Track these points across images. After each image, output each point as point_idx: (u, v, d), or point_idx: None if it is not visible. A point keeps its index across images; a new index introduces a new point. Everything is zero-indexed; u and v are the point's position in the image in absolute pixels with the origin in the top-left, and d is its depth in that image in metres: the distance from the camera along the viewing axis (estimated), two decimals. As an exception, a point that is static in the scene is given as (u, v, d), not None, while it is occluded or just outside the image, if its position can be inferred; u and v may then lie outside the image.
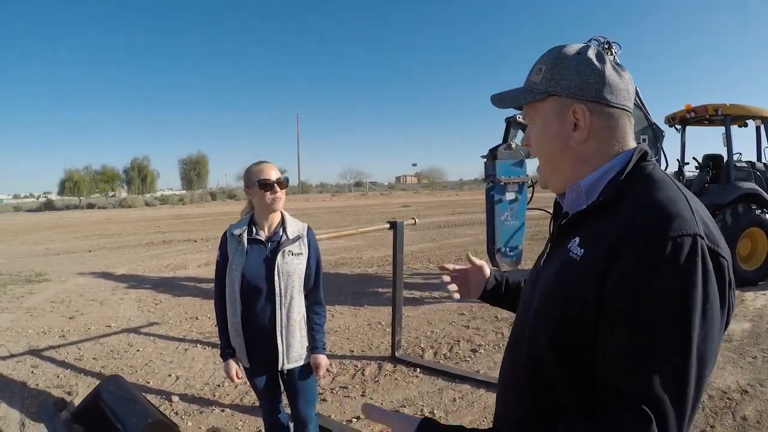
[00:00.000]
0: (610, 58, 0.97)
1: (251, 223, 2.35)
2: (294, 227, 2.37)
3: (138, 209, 43.46)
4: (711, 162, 8.03)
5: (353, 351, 4.89)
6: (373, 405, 0.99)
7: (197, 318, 6.24)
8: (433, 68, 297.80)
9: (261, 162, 2.33)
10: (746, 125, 8.25)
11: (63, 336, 5.70)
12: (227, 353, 2.36)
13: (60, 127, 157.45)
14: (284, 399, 2.54)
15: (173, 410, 3.67)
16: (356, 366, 4.46)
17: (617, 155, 0.95)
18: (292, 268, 2.29)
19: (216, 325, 2.46)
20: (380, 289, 7.52)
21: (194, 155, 73.28)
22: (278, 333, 2.27)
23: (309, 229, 2.43)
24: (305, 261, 2.36)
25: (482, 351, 4.75)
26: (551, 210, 1.12)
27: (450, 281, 1.45)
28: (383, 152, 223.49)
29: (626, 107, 0.96)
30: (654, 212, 0.80)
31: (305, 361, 2.37)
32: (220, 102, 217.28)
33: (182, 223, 22.70)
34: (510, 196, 6.05)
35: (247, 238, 2.30)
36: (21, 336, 5.73)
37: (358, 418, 3.47)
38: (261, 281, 2.25)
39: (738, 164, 7.76)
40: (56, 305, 7.21)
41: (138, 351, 5.07)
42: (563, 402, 0.88)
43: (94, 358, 4.88)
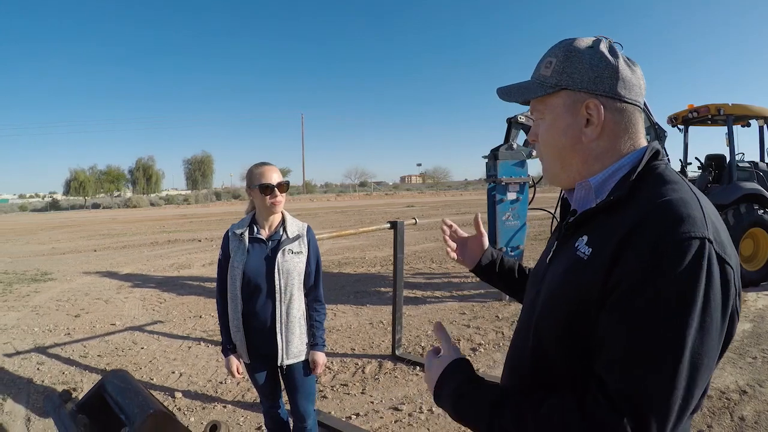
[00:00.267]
0: (622, 53, 0.95)
1: (253, 223, 2.41)
2: (294, 227, 2.42)
3: (143, 209, 43.73)
4: (713, 162, 7.98)
5: (354, 349, 4.93)
6: (443, 327, 1.07)
7: (201, 316, 6.30)
8: (439, 68, 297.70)
9: (262, 164, 2.37)
10: (749, 125, 8.20)
11: (68, 334, 5.77)
12: (228, 349, 2.41)
13: (65, 128, 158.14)
14: (284, 396, 2.59)
15: (176, 406, 3.72)
16: (357, 364, 4.49)
17: (629, 153, 0.93)
18: (292, 266, 2.34)
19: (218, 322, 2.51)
20: (382, 289, 7.55)
21: (199, 155, 73.69)
22: (278, 329, 2.32)
23: (309, 229, 2.49)
24: (305, 259, 2.41)
25: (482, 350, 4.77)
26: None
27: (449, 236, 1.49)
28: (388, 152, 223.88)
29: (639, 103, 0.94)
30: (665, 213, 0.79)
31: (304, 358, 2.42)
32: (225, 102, 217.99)
33: (187, 223, 22.80)
34: (511, 196, 6.08)
35: (249, 237, 2.35)
36: (27, 334, 5.80)
37: (357, 415, 3.51)
38: (262, 279, 2.31)
39: (740, 164, 7.72)
40: (62, 304, 7.29)
41: (142, 348, 5.13)
42: (562, 381, 0.88)
43: (99, 356, 4.95)
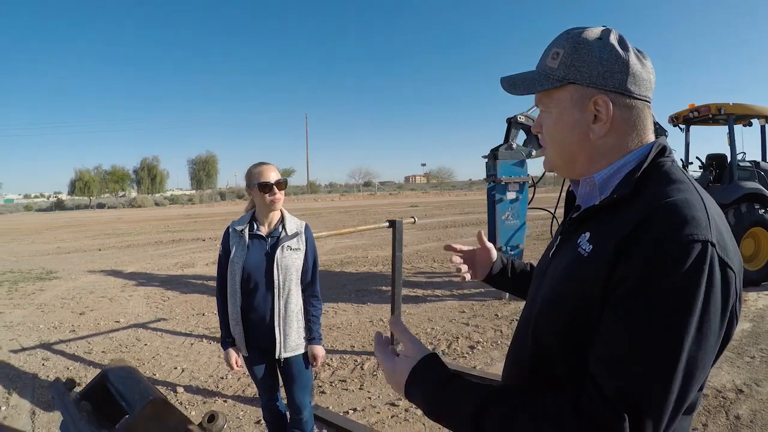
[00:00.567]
0: (632, 45, 0.91)
1: (252, 220, 2.48)
2: (293, 224, 2.49)
3: (148, 209, 43.95)
4: (714, 161, 7.96)
5: (354, 346, 4.99)
6: (400, 321, 1.02)
7: (204, 314, 6.37)
8: (443, 67, 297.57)
9: (261, 164, 2.44)
10: (751, 124, 8.18)
11: (73, 331, 5.85)
12: (227, 342, 2.48)
13: (70, 128, 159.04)
14: (282, 391, 2.65)
15: (178, 400, 3.79)
16: (356, 361, 4.55)
17: (636, 149, 0.91)
18: (290, 262, 2.41)
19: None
20: (383, 288, 7.60)
21: (203, 155, 73.85)
22: (276, 323, 2.39)
23: (307, 227, 2.56)
24: (303, 256, 2.48)
25: (480, 348, 4.81)
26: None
27: (461, 262, 1.42)
28: (392, 152, 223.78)
29: (648, 98, 0.91)
30: (668, 214, 0.77)
31: (302, 351, 2.49)
32: (229, 102, 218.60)
33: (191, 223, 22.92)
34: (511, 196, 6.13)
35: (249, 234, 2.42)
36: (32, 330, 5.89)
37: (355, 410, 3.57)
38: (261, 274, 2.38)
39: (741, 164, 7.71)
40: (67, 302, 7.38)
41: (145, 345, 5.20)
42: (557, 378, 0.87)
43: (103, 352, 5.02)
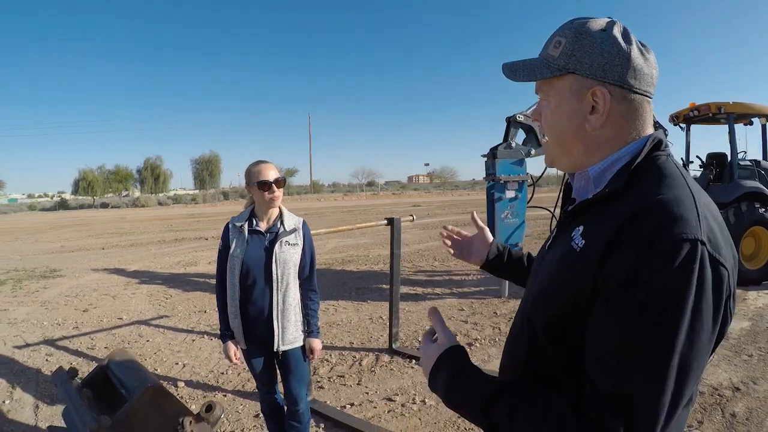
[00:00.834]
0: (636, 38, 0.90)
1: (252, 216, 2.54)
2: (291, 221, 2.55)
3: (151, 208, 44.09)
4: (714, 160, 7.97)
5: (353, 343, 5.04)
6: (437, 311, 1.04)
7: (205, 311, 6.42)
8: (447, 67, 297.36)
9: (260, 162, 2.50)
10: (751, 123, 8.17)
11: (76, 327, 5.92)
12: (226, 335, 2.53)
13: (74, 128, 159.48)
14: (280, 385, 2.70)
15: (179, 395, 3.84)
16: (354, 357, 4.60)
17: (632, 143, 0.90)
18: (289, 257, 2.47)
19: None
20: (384, 286, 7.64)
21: (207, 155, 73.73)
22: (274, 316, 2.44)
23: (304, 223, 2.62)
24: (300, 251, 2.53)
25: (478, 345, 4.85)
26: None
27: (449, 243, 1.49)
28: (396, 152, 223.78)
29: (649, 93, 0.90)
30: (657, 212, 0.77)
31: (299, 344, 2.54)
32: (233, 102, 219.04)
33: (194, 222, 23.02)
34: (510, 194, 6.16)
35: (248, 229, 2.49)
36: (36, 327, 5.96)
37: (352, 404, 3.62)
38: (260, 268, 2.43)
39: (742, 163, 7.72)
40: (70, 299, 7.45)
41: (147, 341, 5.27)
42: (559, 389, 0.86)
43: (106, 347, 5.09)
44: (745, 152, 8.00)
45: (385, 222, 4.40)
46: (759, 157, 8.19)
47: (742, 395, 3.67)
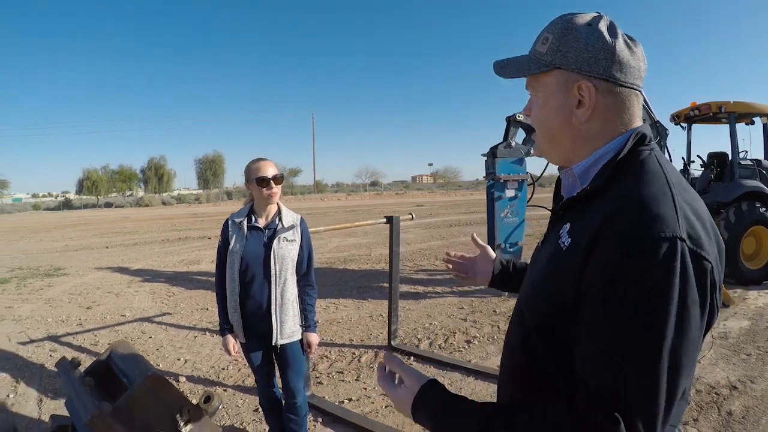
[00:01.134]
0: (623, 32, 0.90)
1: (251, 212, 2.59)
2: (289, 217, 2.60)
3: (155, 208, 44.22)
4: (715, 160, 7.95)
5: (352, 340, 5.09)
6: (396, 357, 1.02)
7: (208, 309, 6.48)
8: (452, 66, 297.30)
9: (259, 159, 2.56)
10: (753, 123, 8.15)
11: (80, 324, 5.99)
12: (225, 329, 2.58)
13: (78, 127, 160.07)
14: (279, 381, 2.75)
15: (180, 389, 3.87)
16: (354, 353, 4.65)
17: (618, 137, 0.90)
18: (287, 253, 2.52)
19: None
20: (385, 284, 7.65)
21: (210, 155, 73.55)
22: (273, 311, 2.49)
23: (302, 220, 2.68)
24: (298, 247, 2.59)
25: (476, 342, 4.89)
26: (551, 207, 1.09)
27: (453, 267, 1.48)
28: (399, 152, 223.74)
29: (636, 86, 0.90)
30: (635, 211, 0.77)
31: (297, 338, 2.59)
32: (237, 102, 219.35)
33: (198, 222, 23.09)
34: (510, 194, 6.19)
35: (247, 226, 2.54)
36: (40, 324, 6.03)
37: (350, 400, 3.66)
38: (258, 264, 2.49)
39: (743, 162, 7.71)
40: (74, 297, 7.53)
41: (150, 338, 5.33)
42: (554, 384, 0.87)
43: (109, 344, 5.11)
44: (747, 152, 7.99)
45: (385, 220, 4.43)
46: (761, 157, 8.17)
47: (740, 394, 3.65)
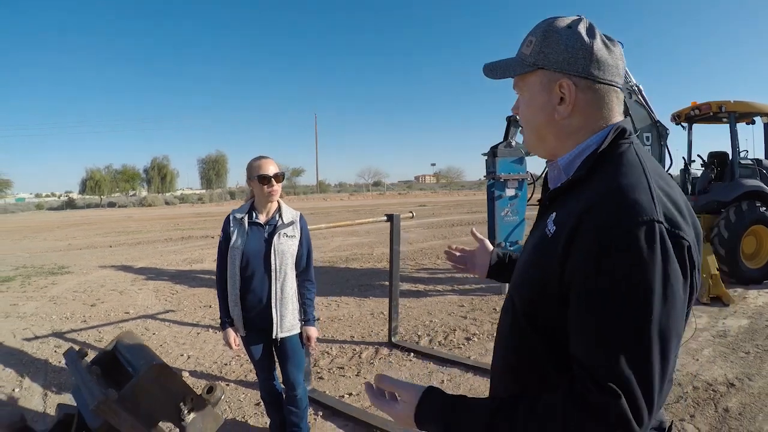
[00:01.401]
0: (601, 33, 0.96)
1: (252, 209, 2.65)
2: (288, 214, 2.66)
3: (158, 208, 44.36)
4: (716, 159, 7.94)
5: (353, 337, 5.15)
6: (386, 376, 1.02)
7: (210, 306, 6.54)
8: (455, 66, 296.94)
9: (261, 158, 2.62)
10: (754, 122, 8.12)
11: (84, 321, 6.06)
12: (226, 322, 2.64)
13: (81, 127, 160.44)
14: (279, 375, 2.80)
15: (183, 384, 3.94)
16: (354, 350, 4.71)
17: (599, 131, 0.96)
18: (286, 248, 2.58)
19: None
20: (386, 282, 7.67)
21: (213, 155, 73.53)
22: (273, 305, 2.55)
23: (301, 216, 2.74)
24: (297, 242, 2.64)
25: (476, 339, 4.93)
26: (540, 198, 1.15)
27: (452, 260, 1.57)
28: (402, 152, 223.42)
29: (614, 83, 0.96)
30: (613, 199, 0.83)
31: (297, 332, 2.65)
32: (240, 102, 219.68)
33: (201, 221, 23.18)
34: (510, 193, 6.24)
35: (248, 222, 2.59)
36: (45, 321, 6.11)
37: (350, 394, 3.72)
38: (259, 259, 2.54)
39: (743, 161, 7.70)
40: (78, 294, 7.60)
41: (154, 334, 5.39)
42: (542, 365, 0.92)
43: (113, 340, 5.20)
44: (747, 151, 7.99)
45: (385, 218, 4.48)
46: (761, 156, 8.16)
47: (737, 391, 3.66)
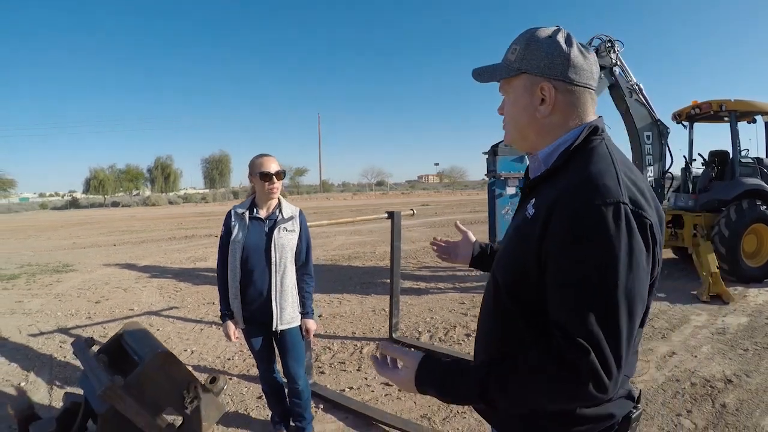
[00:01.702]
0: (578, 42, 1.08)
1: (253, 205, 2.72)
2: (288, 209, 2.74)
3: (161, 207, 44.44)
4: (716, 158, 7.93)
5: (355, 333, 5.21)
6: (389, 344, 1.17)
7: (214, 303, 6.58)
8: (458, 66, 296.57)
9: (263, 155, 2.69)
10: (755, 121, 8.11)
11: (89, 317, 6.13)
12: (226, 315, 2.70)
13: (85, 127, 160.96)
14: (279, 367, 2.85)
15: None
16: (356, 345, 4.77)
17: (575, 128, 1.08)
18: (286, 242, 2.64)
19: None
20: (388, 280, 7.76)
21: (217, 154, 73.28)
22: (273, 297, 2.61)
23: (301, 212, 2.81)
24: (297, 237, 2.71)
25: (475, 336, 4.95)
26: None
27: (437, 249, 1.70)
28: (405, 152, 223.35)
29: (588, 85, 1.08)
30: (585, 184, 0.95)
31: (296, 324, 2.71)
32: (243, 101, 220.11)
33: (204, 220, 23.26)
34: (511, 191, 6.28)
35: (249, 216, 2.66)
36: (50, 317, 6.18)
37: (351, 388, 3.77)
38: (259, 252, 2.61)
39: (744, 160, 7.70)
40: (83, 292, 7.68)
41: (158, 330, 5.45)
42: (522, 337, 1.04)
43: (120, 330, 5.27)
44: (748, 150, 7.98)
45: (386, 215, 4.54)
46: (762, 155, 8.16)
47: (734, 387, 3.67)
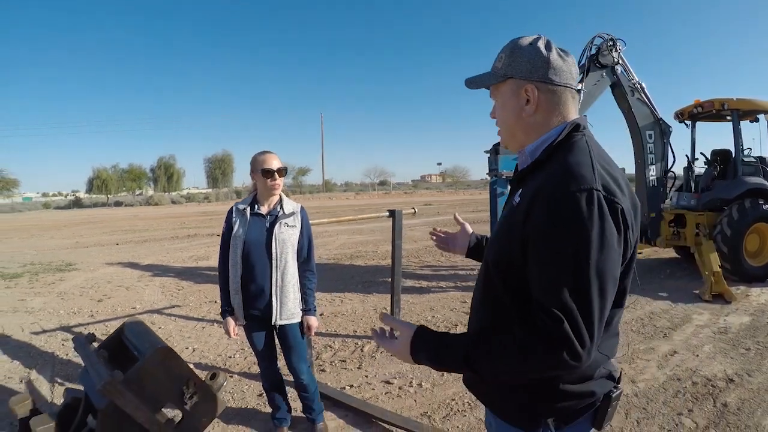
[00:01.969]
0: (557, 47, 1.19)
1: (254, 201, 2.73)
2: (289, 205, 2.75)
3: (164, 207, 44.52)
4: (719, 157, 7.93)
5: (356, 331, 5.22)
6: (388, 314, 1.29)
7: (215, 301, 6.58)
8: (460, 66, 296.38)
9: (265, 152, 2.70)
10: (757, 120, 8.08)
11: (92, 315, 6.16)
12: (227, 311, 2.71)
13: (88, 127, 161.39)
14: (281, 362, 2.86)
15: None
16: (357, 344, 4.78)
17: (558, 125, 1.18)
18: (287, 237, 2.65)
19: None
20: (390, 279, 7.76)
21: (219, 154, 73.22)
22: (273, 292, 2.62)
23: (302, 208, 2.82)
24: (298, 233, 2.72)
25: (477, 333, 4.96)
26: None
27: (436, 240, 1.80)
28: (408, 151, 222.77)
29: (569, 85, 1.18)
30: (562, 172, 1.05)
31: (297, 320, 2.72)
32: (246, 101, 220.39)
33: (207, 220, 23.28)
34: (512, 190, 6.27)
35: (250, 212, 2.67)
36: (53, 315, 6.21)
37: (352, 386, 3.78)
38: (261, 248, 2.62)
39: (746, 159, 7.68)
40: (85, 290, 7.71)
41: (159, 328, 5.47)
42: (509, 315, 1.13)
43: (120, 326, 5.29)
44: (750, 149, 7.96)
45: (387, 214, 4.55)
46: (765, 154, 8.13)
47: (736, 386, 3.68)
